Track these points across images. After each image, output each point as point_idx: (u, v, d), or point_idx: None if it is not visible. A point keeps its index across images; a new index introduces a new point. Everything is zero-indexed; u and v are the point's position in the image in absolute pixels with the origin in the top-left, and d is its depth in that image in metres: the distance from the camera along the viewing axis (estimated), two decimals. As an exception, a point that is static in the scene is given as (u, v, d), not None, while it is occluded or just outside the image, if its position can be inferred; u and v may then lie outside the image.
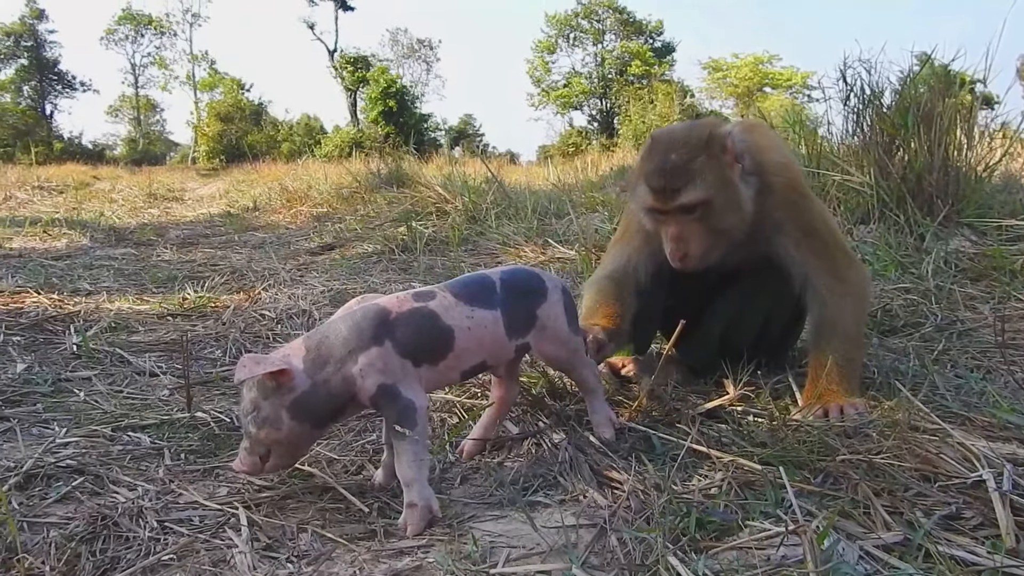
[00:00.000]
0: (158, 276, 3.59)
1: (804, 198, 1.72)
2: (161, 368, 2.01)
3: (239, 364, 1.13)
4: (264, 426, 1.15)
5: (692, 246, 1.60)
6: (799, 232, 1.68)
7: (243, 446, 1.19)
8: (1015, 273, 2.57)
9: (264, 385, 1.14)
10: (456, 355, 1.23)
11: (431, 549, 1.09)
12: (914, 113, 3.12)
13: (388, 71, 35.40)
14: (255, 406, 1.15)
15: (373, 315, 1.18)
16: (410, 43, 39.72)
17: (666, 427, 1.48)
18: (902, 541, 1.07)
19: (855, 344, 1.69)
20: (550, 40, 39.29)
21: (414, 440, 1.16)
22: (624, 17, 38.74)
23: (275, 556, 1.07)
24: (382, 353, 1.16)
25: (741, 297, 1.79)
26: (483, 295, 1.27)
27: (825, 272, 1.68)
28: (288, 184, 7.74)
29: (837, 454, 1.29)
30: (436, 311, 1.22)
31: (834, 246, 1.72)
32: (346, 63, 35.42)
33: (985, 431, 1.44)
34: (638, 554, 1.06)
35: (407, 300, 1.22)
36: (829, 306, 1.67)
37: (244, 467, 1.19)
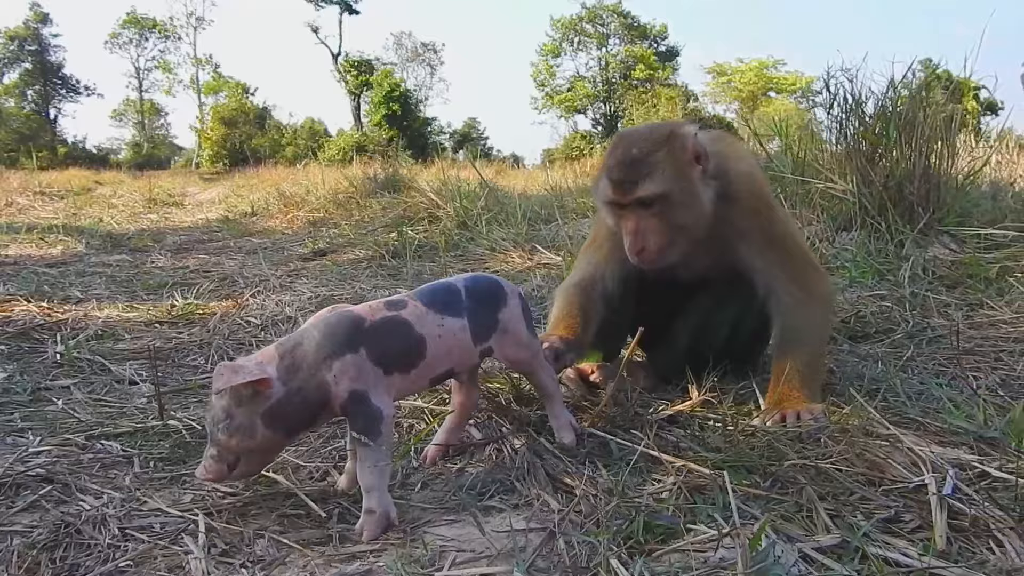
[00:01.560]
0: (150, 283, 3.63)
1: (768, 208, 1.75)
2: (141, 376, 2.04)
3: (216, 373, 1.14)
4: (237, 434, 1.15)
5: (650, 241, 1.63)
6: (763, 242, 1.71)
7: (210, 453, 1.19)
8: (990, 281, 2.60)
9: (238, 393, 1.15)
10: (427, 363, 1.26)
11: (383, 554, 1.12)
12: (896, 122, 3.15)
13: (392, 75, 35.52)
14: (228, 414, 1.15)
15: (347, 322, 1.21)
16: (414, 46, 39.86)
17: (625, 432, 1.51)
18: (840, 543, 1.10)
19: (818, 352, 1.73)
20: (555, 44, 39.40)
21: (378, 448, 1.19)
22: (628, 21, 38.84)
23: (230, 562, 1.10)
24: (356, 360, 1.19)
25: (709, 305, 1.82)
26: (451, 303, 1.30)
27: (789, 282, 1.71)
28: (286, 189, 7.79)
29: (786, 459, 1.32)
30: (409, 320, 1.25)
31: (798, 256, 1.76)
32: (350, 67, 35.56)
33: (937, 436, 1.47)
34: (583, 557, 1.09)
35: (380, 308, 1.25)
36: (793, 315, 1.70)
37: (210, 475, 1.19)
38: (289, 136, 34.01)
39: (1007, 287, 2.50)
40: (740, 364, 1.87)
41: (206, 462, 1.18)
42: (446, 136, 37.89)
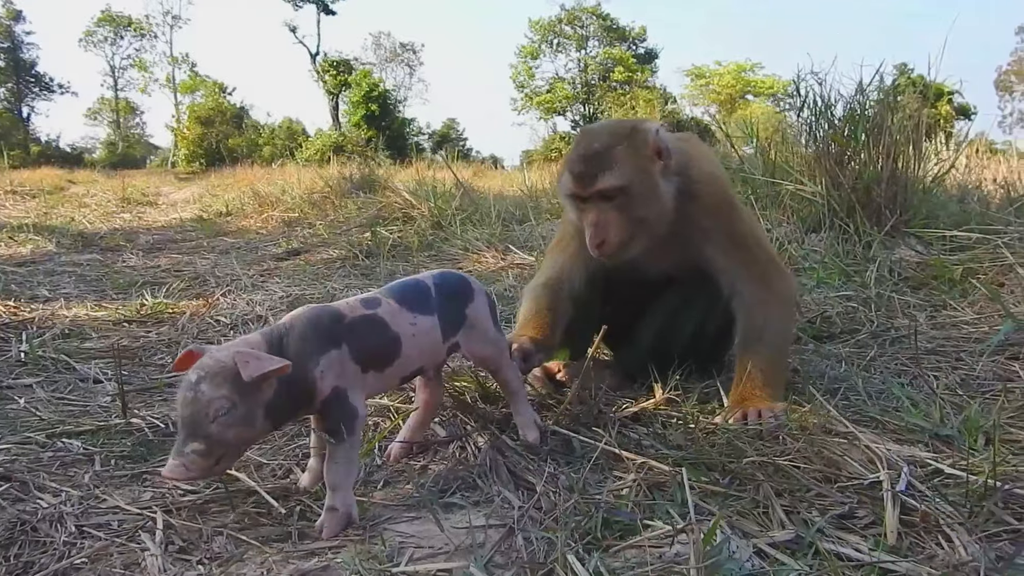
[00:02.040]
0: (120, 282, 3.60)
1: (731, 208, 1.77)
2: (106, 375, 2.02)
3: (241, 360, 1.06)
4: (236, 426, 1.09)
5: (611, 233, 1.64)
6: (726, 241, 1.73)
7: (193, 448, 1.07)
8: (954, 282, 2.64)
9: (241, 383, 1.08)
10: (400, 362, 1.27)
11: (341, 550, 1.12)
12: (864, 125, 3.19)
13: (371, 75, 35.39)
14: (231, 403, 1.09)
15: (330, 317, 1.21)
16: (393, 47, 39.78)
17: (588, 430, 1.52)
18: (794, 539, 1.11)
19: (780, 350, 1.75)
20: (534, 45, 39.46)
21: (349, 447, 1.19)
22: (607, 24, 38.98)
23: (187, 559, 1.10)
24: (340, 356, 1.18)
25: (674, 304, 1.84)
26: (422, 301, 1.31)
27: (752, 280, 1.73)
28: (261, 189, 7.74)
29: (745, 456, 1.34)
30: (384, 318, 1.25)
31: (761, 255, 1.78)
32: (328, 66, 35.41)
33: (895, 435, 1.50)
34: (541, 553, 1.10)
35: (357, 306, 1.25)
36: (756, 314, 1.72)
37: (192, 472, 1.08)
38: (267, 136, 33.80)
39: (970, 288, 2.53)
40: (705, 363, 1.88)
41: (188, 459, 1.08)
42: (425, 137, 37.83)
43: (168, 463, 1.08)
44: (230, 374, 1.08)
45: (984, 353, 1.97)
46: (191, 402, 1.08)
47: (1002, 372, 1.87)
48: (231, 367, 1.08)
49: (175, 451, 1.09)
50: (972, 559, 1.02)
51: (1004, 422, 1.49)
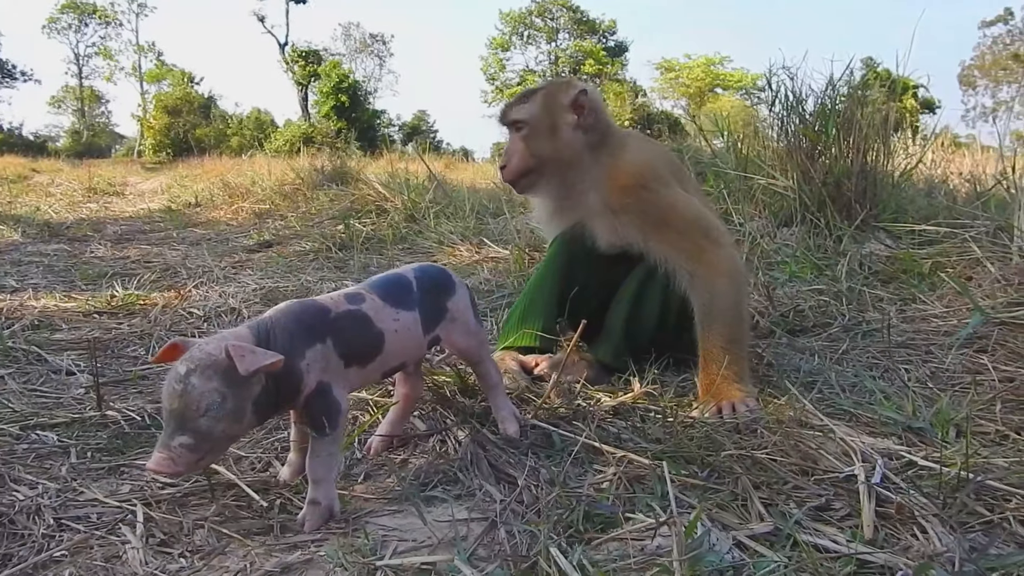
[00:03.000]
0: (89, 273, 3.55)
1: (647, 190, 1.81)
2: (79, 366, 2.00)
3: (236, 353, 1.05)
4: (226, 420, 1.07)
5: (512, 160, 1.89)
6: (646, 224, 1.79)
7: (180, 442, 1.05)
8: (923, 276, 2.69)
9: (232, 376, 1.06)
10: (383, 358, 1.26)
11: (324, 543, 1.12)
12: (835, 120, 3.23)
13: (340, 66, 35.08)
14: (222, 397, 1.06)
15: (315, 312, 1.20)
16: (363, 37, 39.47)
17: (568, 424, 1.53)
18: (773, 531, 1.13)
19: (736, 326, 1.76)
20: (504, 37, 39.39)
21: (332, 441, 1.18)
22: (578, 16, 39.00)
23: (169, 551, 1.10)
24: (324, 351, 1.18)
25: (637, 288, 1.88)
26: (404, 297, 1.31)
27: (687, 260, 1.77)
28: (231, 180, 7.66)
29: (723, 449, 1.36)
30: (368, 314, 1.25)
31: (693, 233, 1.79)
32: (297, 57, 35.02)
33: (868, 427, 1.52)
34: (524, 546, 1.11)
35: (342, 301, 1.24)
36: (700, 292, 1.76)
37: (179, 466, 1.05)
38: (235, 126, 33.38)
39: (938, 282, 2.58)
40: (676, 345, 1.89)
41: (174, 452, 1.05)
42: (395, 129, 37.61)
43: (154, 456, 1.06)
44: (220, 367, 1.07)
45: (953, 346, 2.01)
46: (180, 395, 1.06)
47: (971, 365, 1.90)
48: (222, 360, 1.07)
49: (161, 444, 1.07)
50: (947, 550, 1.05)
51: (975, 414, 1.53)
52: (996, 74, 41.57)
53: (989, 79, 42.10)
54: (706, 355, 1.72)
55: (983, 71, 42.56)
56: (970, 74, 42.63)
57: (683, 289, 1.78)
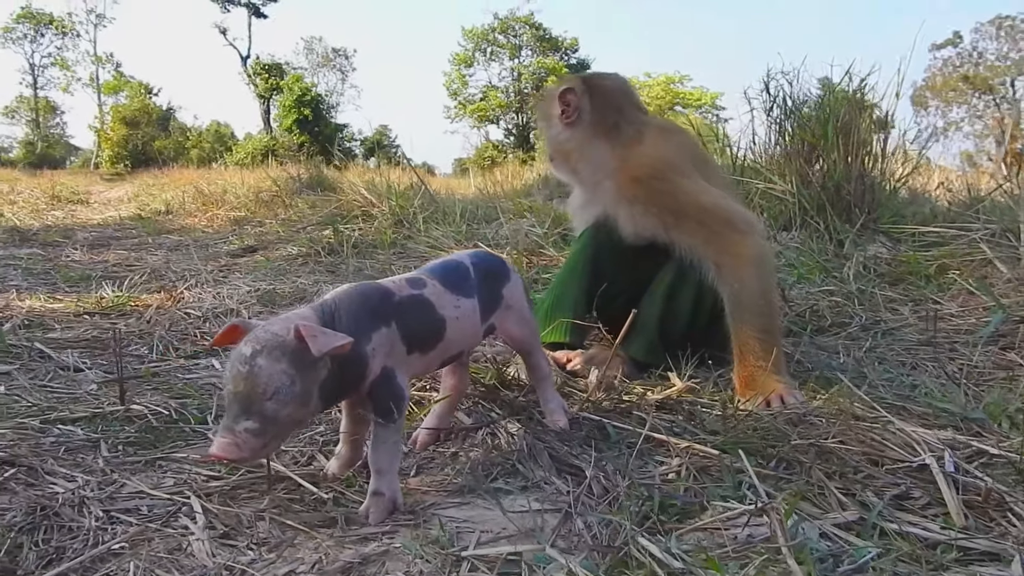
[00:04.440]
0: (70, 276, 3.42)
1: (661, 181, 1.78)
2: (86, 363, 1.91)
3: (308, 333, 0.98)
4: (293, 403, 1.00)
5: None
6: (664, 215, 1.76)
7: (245, 427, 0.99)
8: (929, 277, 2.70)
9: (300, 358, 1.00)
10: (444, 345, 1.21)
11: (395, 535, 1.06)
12: (833, 124, 3.25)
13: (303, 79, 34.83)
14: (290, 379, 1.00)
15: (380, 294, 1.14)
16: (325, 52, 39.20)
17: (618, 417, 1.48)
18: (857, 520, 1.10)
19: (768, 315, 1.72)
20: (467, 54, 39.43)
21: (396, 430, 1.12)
22: (540, 33, 39.22)
23: (233, 544, 1.02)
24: (389, 335, 1.12)
25: (670, 282, 1.84)
26: (463, 283, 1.25)
27: (711, 250, 1.74)
28: (204, 188, 7.50)
29: (788, 440, 1.32)
30: (431, 299, 1.19)
31: (715, 223, 1.76)
32: (260, 70, 34.70)
33: (921, 420, 1.50)
34: (605, 537, 1.06)
35: (404, 286, 1.18)
36: (729, 282, 1.73)
37: (244, 452, 0.99)
38: (194, 138, 32.93)
39: (947, 283, 2.59)
40: (710, 340, 1.86)
41: (240, 437, 0.98)
42: (357, 143, 37.37)
43: (216, 441, 0.99)
44: (288, 348, 1.00)
45: (978, 344, 2.01)
46: (246, 377, 0.99)
47: (1000, 361, 1.90)
48: (290, 341, 1.01)
49: (224, 428, 1.00)
50: (1048, 534, 1.02)
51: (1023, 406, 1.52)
52: (947, 95, 42.67)
53: (940, 100, 43.22)
54: (741, 347, 1.69)
55: (934, 92, 43.70)
56: (922, 95, 43.73)
57: (711, 280, 1.75)
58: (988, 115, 35.28)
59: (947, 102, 42.25)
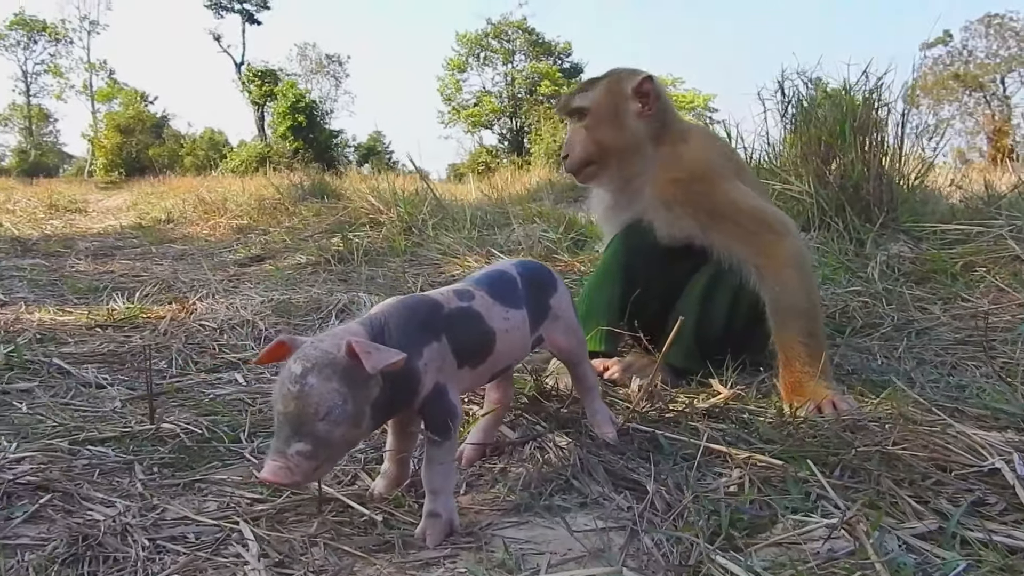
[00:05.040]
0: (78, 287, 3.37)
1: (702, 183, 1.75)
2: (107, 379, 1.85)
3: (362, 350, 0.93)
4: (346, 423, 0.95)
5: (575, 148, 1.86)
6: (702, 217, 1.73)
7: (297, 449, 0.94)
8: (955, 276, 2.66)
9: (353, 376, 0.96)
10: (493, 358, 1.16)
11: (457, 559, 1.01)
12: (850, 124, 3.21)
13: (296, 86, 34.74)
14: (343, 399, 0.95)
15: (429, 307, 1.09)
16: (319, 58, 39.11)
17: (667, 427, 1.43)
18: (936, 530, 1.05)
19: (811, 317, 1.68)
20: (461, 59, 39.35)
21: (450, 448, 1.08)
22: (533, 38, 39.17)
23: (290, 572, 0.97)
24: (440, 349, 1.07)
25: (705, 287, 1.81)
26: (511, 294, 1.21)
27: (751, 253, 1.71)
28: (204, 195, 7.43)
29: (852, 447, 1.27)
30: (480, 312, 1.14)
31: (754, 225, 1.73)
32: (253, 76, 34.60)
33: (978, 422, 1.46)
34: (676, 555, 1.01)
35: (452, 298, 1.14)
36: (770, 286, 1.70)
37: (297, 476, 0.94)
38: (188, 146, 32.78)
39: (975, 280, 2.55)
40: (746, 347, 1.82)
41: (291, 460, 0.94)
42: (352, 149, 37.27)
43: (267, 464, 0.94)
44: (340, 366, 0.95)
45: (1018, 341, 1.97)
46: (297, 396, 0.94)
47: (1044, 359, 1.86)
48: (341, 358, 0.96)
49: (275, 451, 0.95)
50: None
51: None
52: (937, 93, 42.76)
53: (931, 98, 43.32)
54: (786, 352, 1.65)
55: (925, 91, 43.79)
56: (912, 94, 43.80)
57: (752, 284, 1.71)
58: (979, 112, 35.33)
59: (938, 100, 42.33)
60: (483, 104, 38.77)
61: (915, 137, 3.34)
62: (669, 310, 1.82)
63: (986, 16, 34.56)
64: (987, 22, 34.65)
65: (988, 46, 35.15)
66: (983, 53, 35.38)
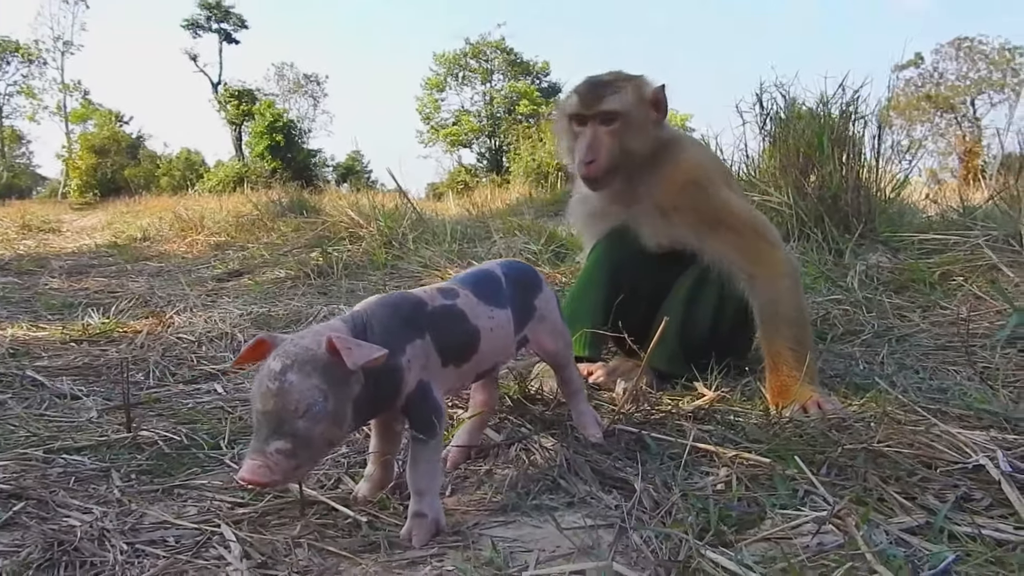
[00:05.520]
0: (52, 303, 3.32)
1: (703, 190, 1.75)
2: (82, 391, 1.82)
3: (342, 345, 0.92)
4: (326, 421, 0.94)
5: (602, 154, 1.73)
6: (701, 224, 1.73)
7: (277, 448, 0.92)
8: (933, 284, 2.68)
9: (333, 373, 0.94)
10: (478, 358, 1.15)
11: (444, 558, 1.00)
12: (828, 136, 3.25)
13: (274, 105, 34.65)
14: (323, 395, 0.93)
15: (412, 304, 1.08)
16: (296, 78, 39.07)
17: (653, 428, 1.43)
18: (923, 525, 1.05)
19: (800, 325, 1.69)
20: (439, 78, 39.46)
21: (435, 447, 1.06)
22: (511, 58, 39.37)
23: (274, 573, 0.95)
24: (424, 346, 1.06)
25: (690, 291, 1.82)
26: (496, 294, 1.20)
27: (746, 261, 1.72)
28: (181, 213, 7.37)
29: (838, 446, 1.27)
30: (464, 310, 1.13)
31: (749, 234, 1.74)
32: (230, 96, 34.48)
33: (961, 421, 1.46)
34: (666, 551, 1.00)
35: (436, 296, 1.12)
36: (763, 294, 1.70)
37: (276, 476, 0.92)
38: (164, 166, 32.53)
39: (952, 289, 2.58)
40: (730, 352, 1.83)
41: (271, 459, 0.92)
42: (330, 169, 37.18)
43: (246, 464, 0.92)
44: (320, 362, 0.94)
45: (995, 347, 1.98)
46: (276, 394, 0.92)
47: (1023, 363, 1.87)
48: (321, 355, 0.94)
49: (254, 450, 0.93)
50: None
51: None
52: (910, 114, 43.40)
53: (904, 119, 43.97)
54: (774, 358, 1.65)
55: (897, 111, 44.45)
56: (885, 114, 44.45)
57: (743, 291, 1.72)
58: (951, 133, 35.88)
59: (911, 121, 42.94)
60: (462, 123, 38.82)
61: (891, 153, 3.36)
62: (653, 314, 1.81)
63: (956, 39, 35.16)
64: (957, 45, 35.24)
65: (959, 68, 35.74)
66: (954, 75, 35.96)
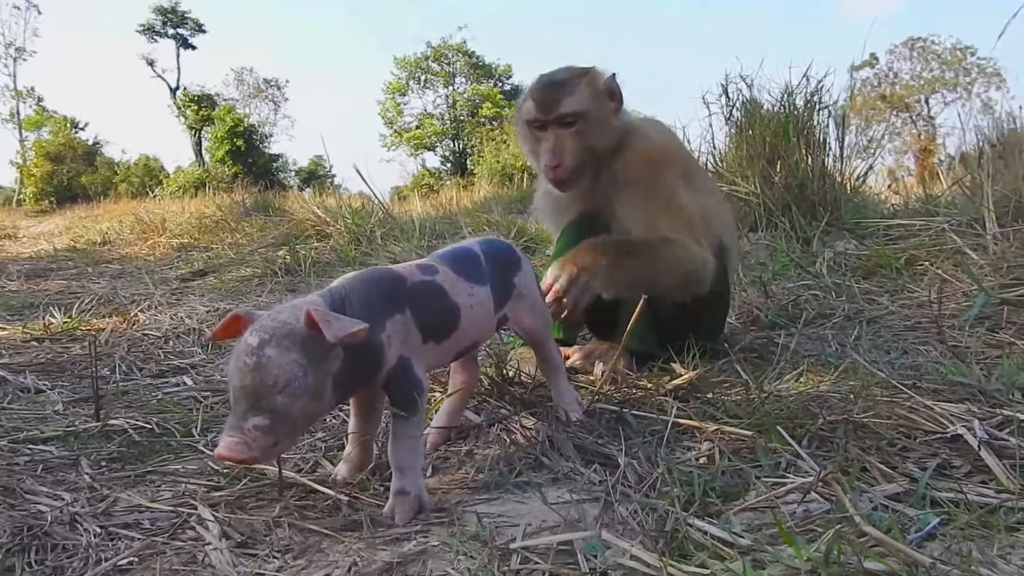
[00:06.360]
0: (11, 304, 3.24)
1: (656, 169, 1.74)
2: (46, 385, 1.77)
3: (321, 318, 0.90)
4: (304, 396, 0.92)
5: (567, 157, 1.71)
6: (642, 194, 1.72)
7: (255, 424, 0.89)
8: (900, 269, 2.72)
9: (312, 347, 0.92)
10: (458, 335, 1.13)
11: (429, 534, 0.98)
12: (794, 125, 3.28)
13: (234, 110, 34.26)
14: (303, 370, 0.91)
15: (392, 279, 1.06)
16: (256, 82, 38.67)
17: (633, 407, 1.42)
18: (906, 492, 1.06)
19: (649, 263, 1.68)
20: (400, 82, 39.31)
21: (416, 423, 1.05)
22: (473, 61, 39.35)
23: (253, 553, 0.93)
24: (404, 321, 1.04)
25: None
26: (476, 271, 1.19)
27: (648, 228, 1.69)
28: (143, 216, 7.24)
29: (819, 418, 1.28)
30: (444, 286, 1.12)
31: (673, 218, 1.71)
32: (189, 101, 34.03)
33: (936, 394, 1.47)
34: (652, 522, 0.99)
35: (416, 272, 1.11)
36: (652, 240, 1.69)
37: (254, 452, 0.89)
38: (123, 173, 31.98)
39: (919, 273, 2.61)
40: (706, 334, 1.83)
41: (249, 435, 0.89)
42: (293, 173, 36.83)
43: (223, 440, 0.90)
44: (299, 336, 0.92)
45: (964, 326, 2.01)
46: (254, 369, 0.90)
47: (991, 341, 1.90)
48: (300, 328, 0.92)
49: (231, 427, 0.90)
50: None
51: None
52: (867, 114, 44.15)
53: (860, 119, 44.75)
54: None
55: (855, 111, 45.20)
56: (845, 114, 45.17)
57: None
58: (906, 132, 36.55)
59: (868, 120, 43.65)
60: (425, 127, 38.68)
61: (850, 152, 3.40)
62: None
63: (909, 39, 35.82)
64: (911, 45, 35.90)
65: (912, 68, 36.43)
66: (908, 75, 36.66)
